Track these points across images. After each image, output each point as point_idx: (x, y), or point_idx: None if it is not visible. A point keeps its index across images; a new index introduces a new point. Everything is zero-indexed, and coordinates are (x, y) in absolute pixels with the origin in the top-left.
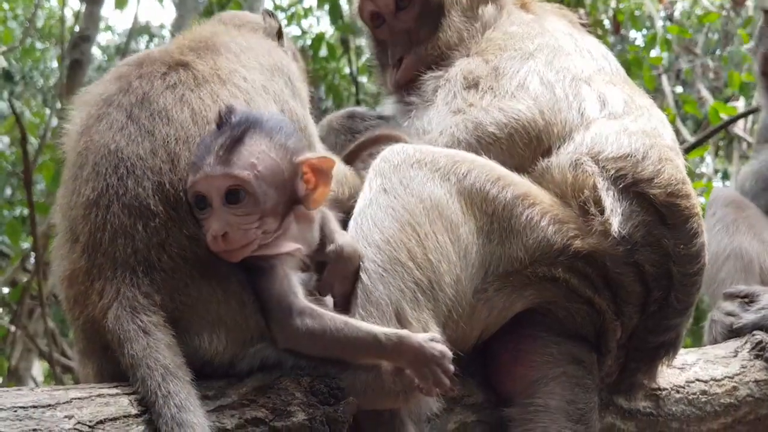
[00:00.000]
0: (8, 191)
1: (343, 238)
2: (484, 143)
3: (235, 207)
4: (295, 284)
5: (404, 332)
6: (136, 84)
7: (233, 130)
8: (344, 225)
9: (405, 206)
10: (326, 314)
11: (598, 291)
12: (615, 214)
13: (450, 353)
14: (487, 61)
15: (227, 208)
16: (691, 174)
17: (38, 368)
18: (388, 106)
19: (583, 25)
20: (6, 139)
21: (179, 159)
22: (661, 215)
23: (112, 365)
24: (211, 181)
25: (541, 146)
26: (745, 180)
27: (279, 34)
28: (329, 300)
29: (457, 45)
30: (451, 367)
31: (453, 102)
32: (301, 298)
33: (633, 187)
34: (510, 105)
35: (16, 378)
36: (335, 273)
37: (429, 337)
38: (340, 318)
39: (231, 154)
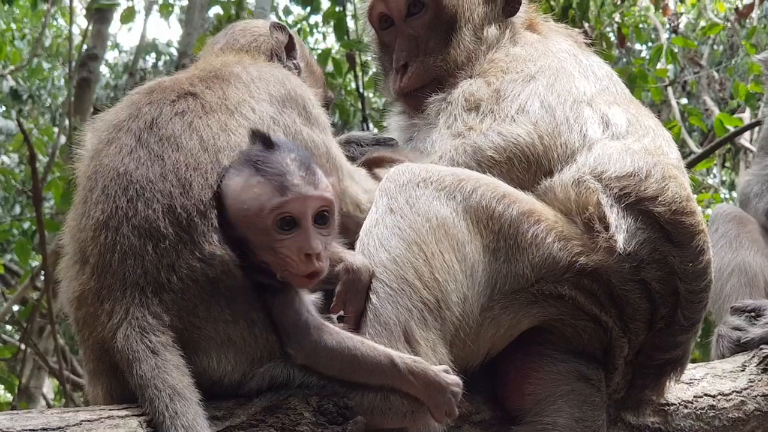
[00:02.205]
0: (17, 209)
1: (352, 256)
2: (484, 166)
3: (322, 228)
4: (309, 302)
5: (419, 359)
6: (145, 110)
7: (293, 152)
8: (351, 246)
9: (411, 225)
10: (342, 332)
11: (604, 308)
12: (620, 230)
13: (461, 384)
14: (489, 83)
15: (316, 229)
16: (698, 186)
17: (49, 386)
18: (392, 120)
19: (588, 43)
20: (15, 158)
21: (191, 185)
22: (666, 232)
23: (121, 386)
24: (306, 202)
25: (542, 169)
26: (749, 185)
27: (290, 47)
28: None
29: (465, 64)
30: (460, 397)
31: (454, 125)
32: (317, 315)
33: (637, 205)
34: (509, 129)
35: (26, 396)
36: (347, 290)
37: (443, 368)
38: (357, 337)
39: (314, 176)
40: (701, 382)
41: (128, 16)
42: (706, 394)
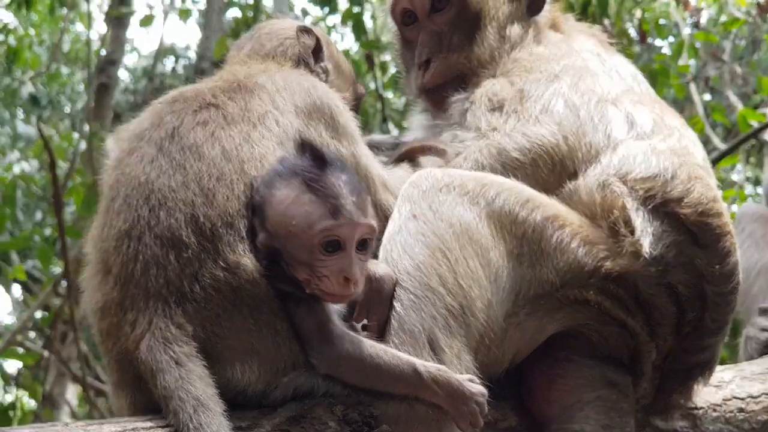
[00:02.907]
0: (38, 215)
1: (375, 265)
2: (509, 168)
3: (362, 254)
4: (332, 311)
5: (443, 368)
6: (167, 119)
7: (344, 172)
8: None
9: (435, 231)
10: (366, 341)
11: (630, 313)
12: (646, 234)
13: (486, 393)
14: (512, 83)
15: (357, 254)
16: (722, 182)
17: (72, 392)
18: (415, 119)
19: (610, 41)
20: (35, 164)
21: (215, 195)
22: (692, 235)
23: (145, 397)
24: (355, 228)
25: (566, 170)
26: None
27: (317, 49)
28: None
29: (488, 63)
30: (486, 407)
31: (477, 125)
32: (340, 325)
33: (663, 207)
34: (533, 130)
35: (50, 403)
36: (370, 299)
37: (468, 377)
38: (380, 346)
39: (364, 202)
40: (730, 384)
41: (147, 21)
42: (735, 397)
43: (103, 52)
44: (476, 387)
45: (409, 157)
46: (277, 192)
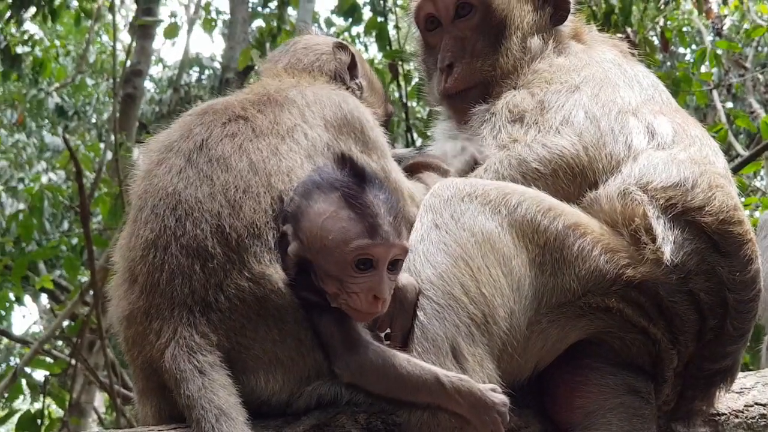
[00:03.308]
0: (65, 225)
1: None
2: (529, 179)
3: (392, 273)
4: (356, 322)
5: (466, 377)
6: (196, 131)
7: (382, 192)
8: None
9: (457, 241)
10: (388, 350)
11: (652, 320)
12: (667, 242)
13: (508, 402)
14: (533, 94)
15: (387, 274)
16: (745, 189)
17: (100, 400)
18: (438, 128)
19: (633, 52)
20: (62, 174)
21: (241, 207)
22: (714, 243)
23: (170, 405)
24: (390, 250)
25: (587, 181)
26: None
27: (352, 65)
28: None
29: (510, 73)
30: (508, 416)
31: (498, 137)
32: (363, 334)
33: (684, 215)
34: (554, 141)
35: (78, 411)
36: (393, 308)
37: (490, 387)
38: (403, 355)
39: (399, 224)
40: (752, 390)
41: (171, 31)
42: (756, 403)
43: (129, 63)
44: (498, 396)
45: (412, 171)
46: (314, 204)
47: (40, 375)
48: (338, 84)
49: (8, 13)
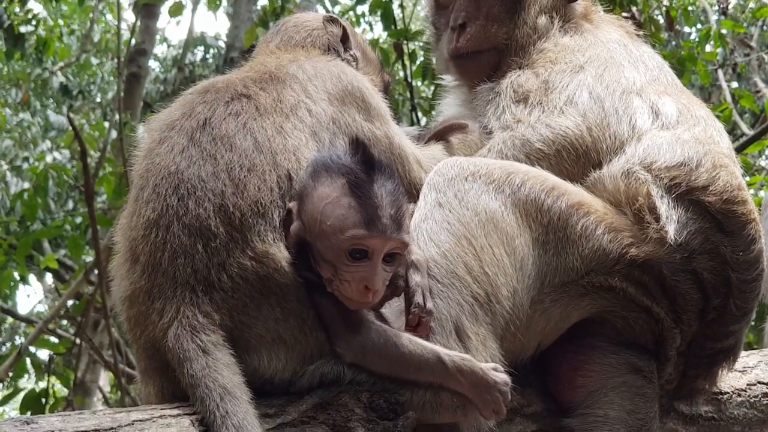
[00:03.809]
0: (70, 204)
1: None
2: (533, 159)
3: (388, 265)
4: None
5: (468, 357)
6: (198, 110)
7: (388, 183)
8: None
9: (460, 220)
10: (390, 330)
11: (655, 299)
12: (671, 221)
13: (510, 382)
14: (537, 74)
15: (383, 265)
16: (750, 168)
17: (104, 379)
18: (444, 102)
19: (637, 32)
20: (66, 153)
21: (246, 186)
22: (717, 222)
23: (172, 384)
24: (386, 243)
25: (590, 161)
26: None
27: (345, 38)
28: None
29: (519, 49)
30: (510, 396)
31: (502, 117)
32: (366, 314)
33: (688, 195)
34: (558, 122)
35: (83, 390)
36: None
37: (492, 366)
38: (405, 334)
39: (400, 215)
40: (754, 369)
41: (176, 10)
42: (759, 382)
43: (133, 42)
44: (500, 376)
45: (440, 136)
46: (319, 187)
47: (44, 354)
48: (333, 56)
49: None
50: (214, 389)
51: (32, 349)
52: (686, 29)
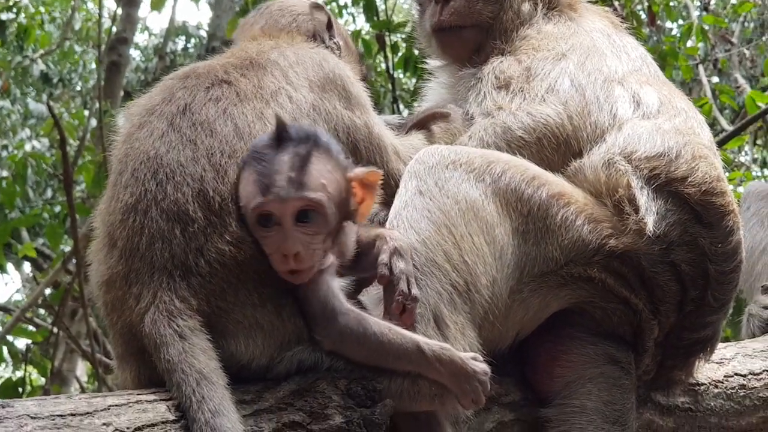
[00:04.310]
0: (48, 193)
1: (380, 229)
2: (514, 147)
3: (305, 227)
4: (337, 289)
5: (447, 346)
6: (179, 95)
7: (297, 147)
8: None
9: (440, 208)
10: (369, 318)
11: (634, 290)
12: (650, 212)
13: (489, 371)
14: (519, 61)
15: (297, 228)
16: (730, 164)
17: (82, 369)
18: (427, 88)
19: (623, 20)
20: (45, 142)
21: (226, 171)
22: (696, 214)
23: (149, 370)
24: (284, 204)
25: (571, 150)
26: None
27: (329, 25)
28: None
29: (503, 34)
30: (489, 385)
31: (483, 103)
32: (344, 302)
33: (667, 186)
34: (539, 109)
35: (60, 379)
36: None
37: (471, 356)
38: (384, 323)
39: (303, 175)
40: (732, 361)
41: (158, 2)
42: (736, 374)
43: (114, 31)
44: (479, 365)
45: (422, 125)
46: (240, 174)
47: (22, 343)
48: (317, 43)
49: None
50: (191, 374)
51: (9, 337)
52: (668, 24)
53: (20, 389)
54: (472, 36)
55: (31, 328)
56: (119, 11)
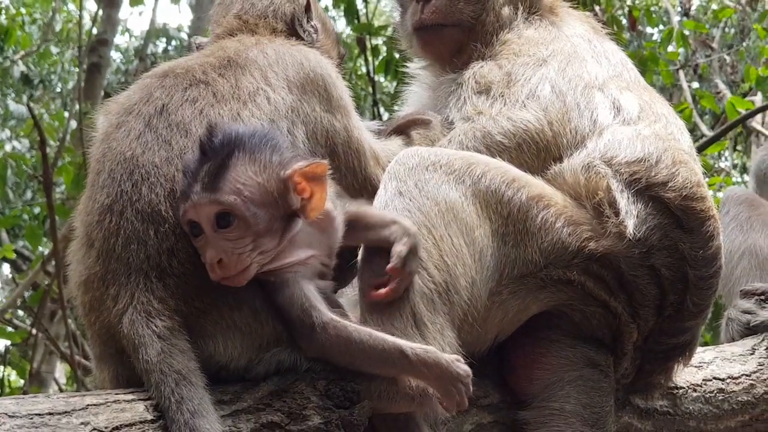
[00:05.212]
0: (28, 194)
1: (399, 216)
2: (494, 151)
3: (226, 231)
4: (314, 296)
5: (431, 348)
6: (156, 95)
7: (216, 154)
8: None
9: (420, 209)
10: (350, 325)
11: (613, 294)
12: (630, 216)
13: (471, 373)
14: (500, 66)
15: (219, 234)
16: (710, 169)
17: (61, 371)
18: (409, 91)
19: (604, 24)
20: (26, 143)
21: None
22: (676, 218)
23: (127, 370)
24: (200, 209)
25: (551, 155)
26: (764, 161)
27: (308, 7)
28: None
29: (483, 37)
30: (471, 388)
31: (463, 108)
32: (322, 310)
33: (647, 190)
34: (519, 115)
35: (38, 381)
36: (410, 252)
37: (455, 357)
38: (365, 330)
39: (216, 180)
40: (710, 365)
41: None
42: (715, 378)
43: (95, 32)
44: (462, 367)
45: (401, 130)
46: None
47: (0, 344)
48: (296, 27)
49: None
50: (169, 375)
51: None
52: (648, 29)
53: None
54: (453, 35)
55: (9, 329)
56: (100, 12)
